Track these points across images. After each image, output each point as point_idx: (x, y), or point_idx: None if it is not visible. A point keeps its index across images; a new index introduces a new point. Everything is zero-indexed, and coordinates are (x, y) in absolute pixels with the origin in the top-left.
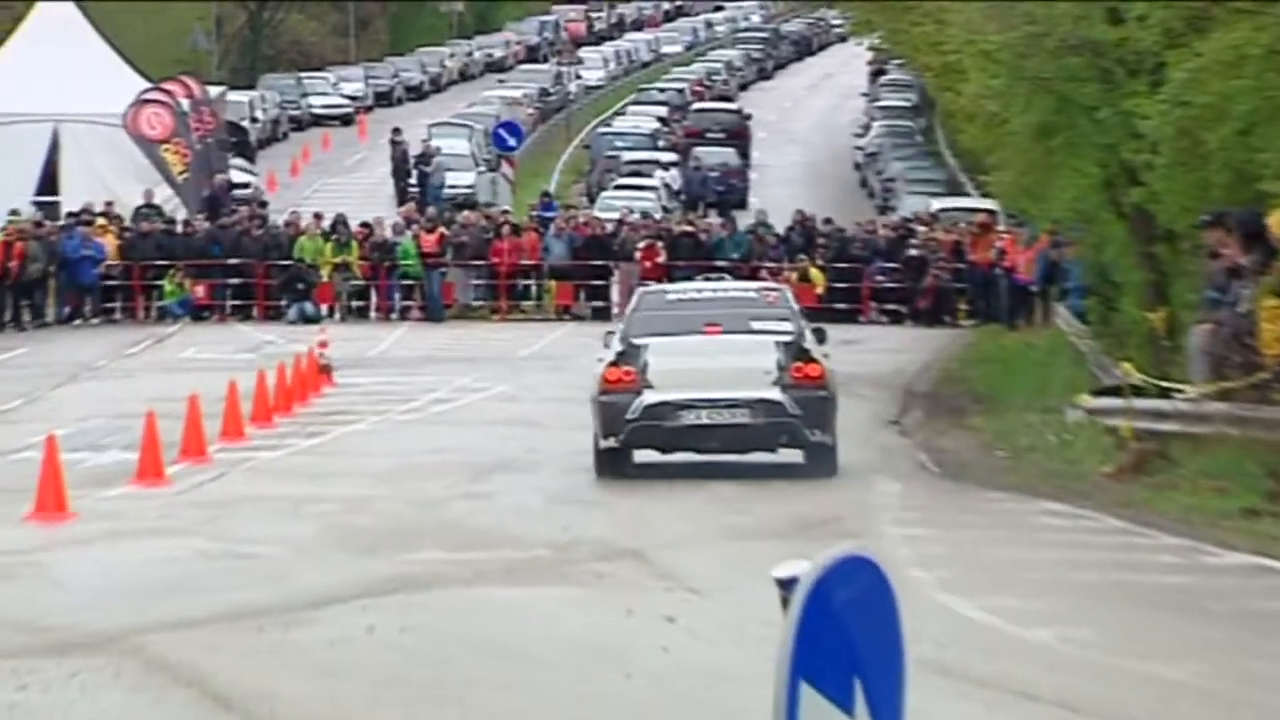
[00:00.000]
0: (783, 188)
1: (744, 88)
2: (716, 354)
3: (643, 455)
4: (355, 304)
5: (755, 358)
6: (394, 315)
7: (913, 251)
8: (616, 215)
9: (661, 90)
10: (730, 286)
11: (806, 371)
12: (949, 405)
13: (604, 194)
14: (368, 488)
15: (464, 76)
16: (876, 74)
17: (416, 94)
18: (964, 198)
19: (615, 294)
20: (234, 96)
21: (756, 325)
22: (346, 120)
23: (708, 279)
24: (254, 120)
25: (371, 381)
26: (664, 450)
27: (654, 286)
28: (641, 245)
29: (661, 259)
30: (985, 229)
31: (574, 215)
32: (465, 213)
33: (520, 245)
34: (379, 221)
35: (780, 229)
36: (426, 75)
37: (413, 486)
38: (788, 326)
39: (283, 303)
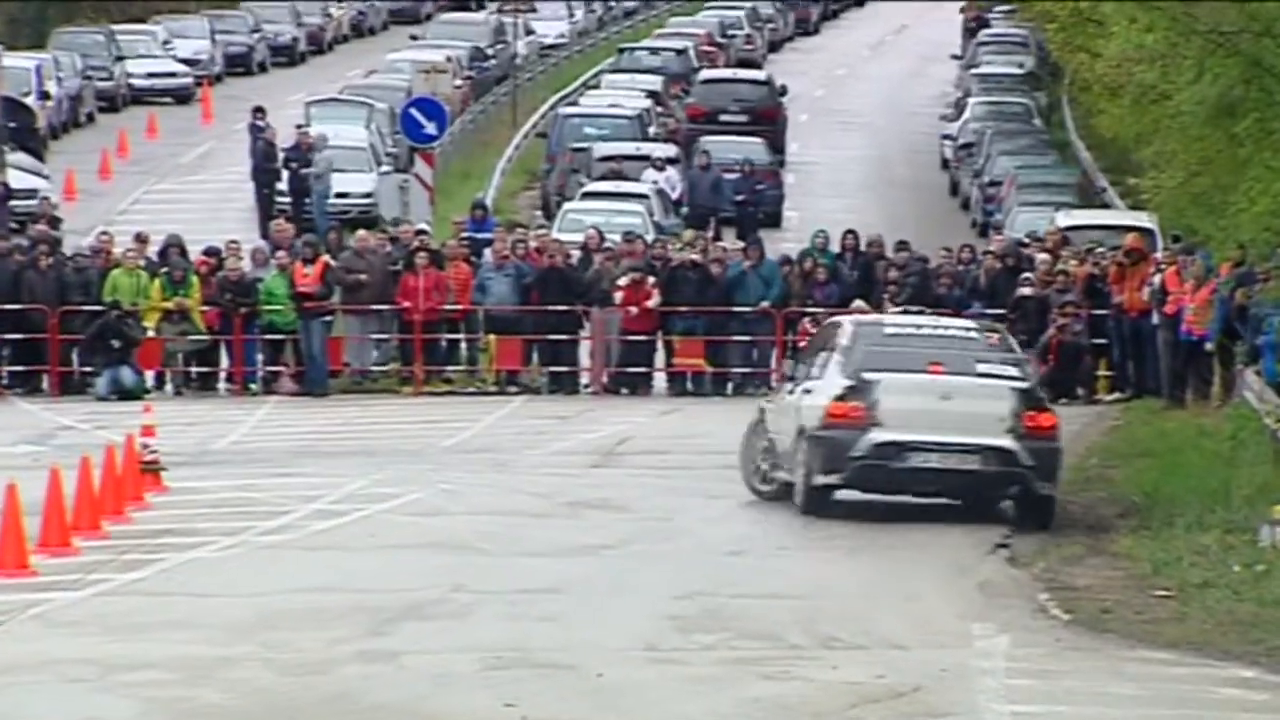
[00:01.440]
0: (833, 196)
1: (776, 47)
2: (949, 396)
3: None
4: (196, 370)
5: (990, 403)
6: (254, 386)
7: (1027, 291)
8: (584, 237)
9: (653, 53)
10: (945, 323)
11: (1039, 421)
12: (1083, 520)
13: (568, 205)
14: (213, 645)
15: (358, 31)
16: (974, 27)
17: (288, 57)
18: (1104, 210)
19: (585, 355)
20: (13, 61)
21: (982, 367)
22: (183, 96)
23: (908, 312)
24: (44, 96)
25: (220, 486)
26: (885, 492)
27: (868, 318)
28: (623, 282)
29: (653, 302)
30: (1136, 258)
31: (522, 237)
32: (361, 233)
33: (443, 282)
34: (232, 248)
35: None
36: (303, 29)
37: (281, 642)
38: (1016, 371)
39: (88, 368)
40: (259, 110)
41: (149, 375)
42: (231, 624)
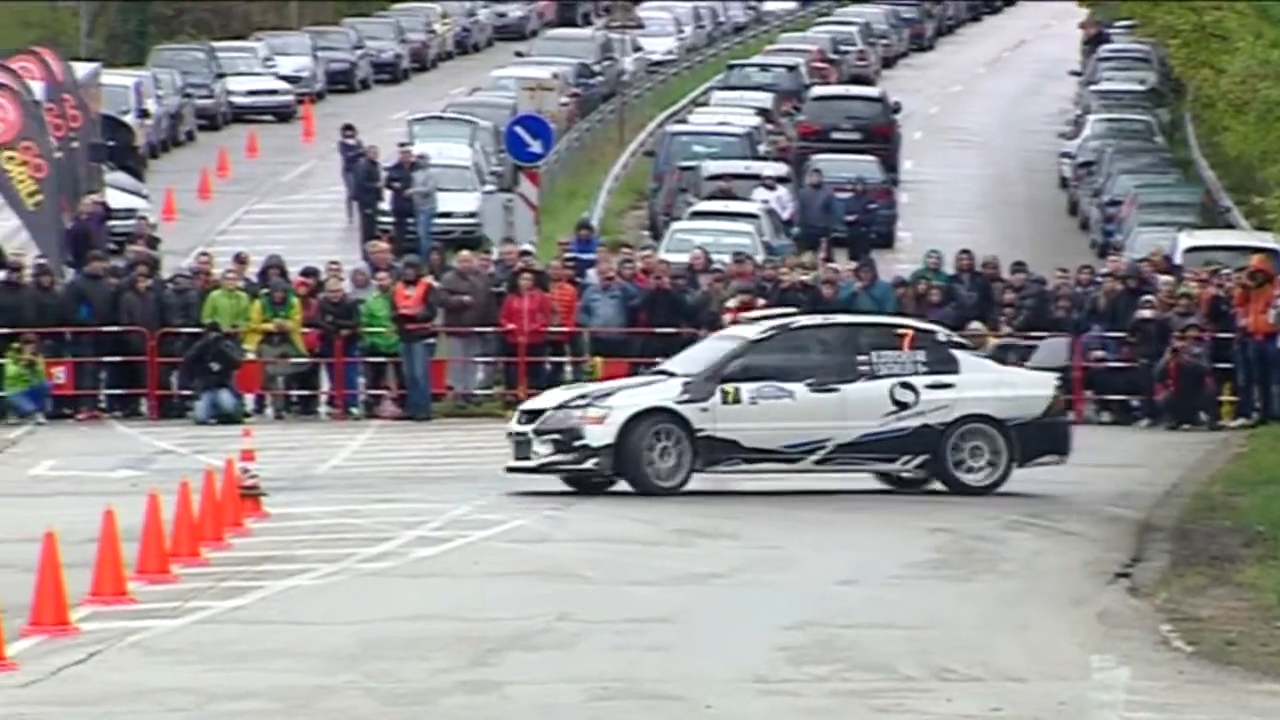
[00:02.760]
0: (949, 216)
1: (890, 63)
2: None
3: None
4: (297, 393)
5: None
6: (355, 410)
7: (1148, 314)
8: (693, 258)
9: (764, 69)
10: None
11: None
12: (1208, 550)
13: (676, 225)
14: (315, 674)
15: (463, 48)
16: (1093, 42)
17: (391, 74)
18: (1228, 231)
19: None
20: (113, 78)
21: None
22: (285, 114)
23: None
24: (144, 114)
25: (321, 512)
26: None
27: None
28: (732, 304)
29: None
30: (1262, 279)
31: (629, 258)
32: (464, 254)
33: (548, 303)
34: (333, 269)
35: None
36: (406, 46)
37: (383, 671)
38: None
39: (186, 392)
40: (349, 128)
41: (249, 399)
42: (332, 653)
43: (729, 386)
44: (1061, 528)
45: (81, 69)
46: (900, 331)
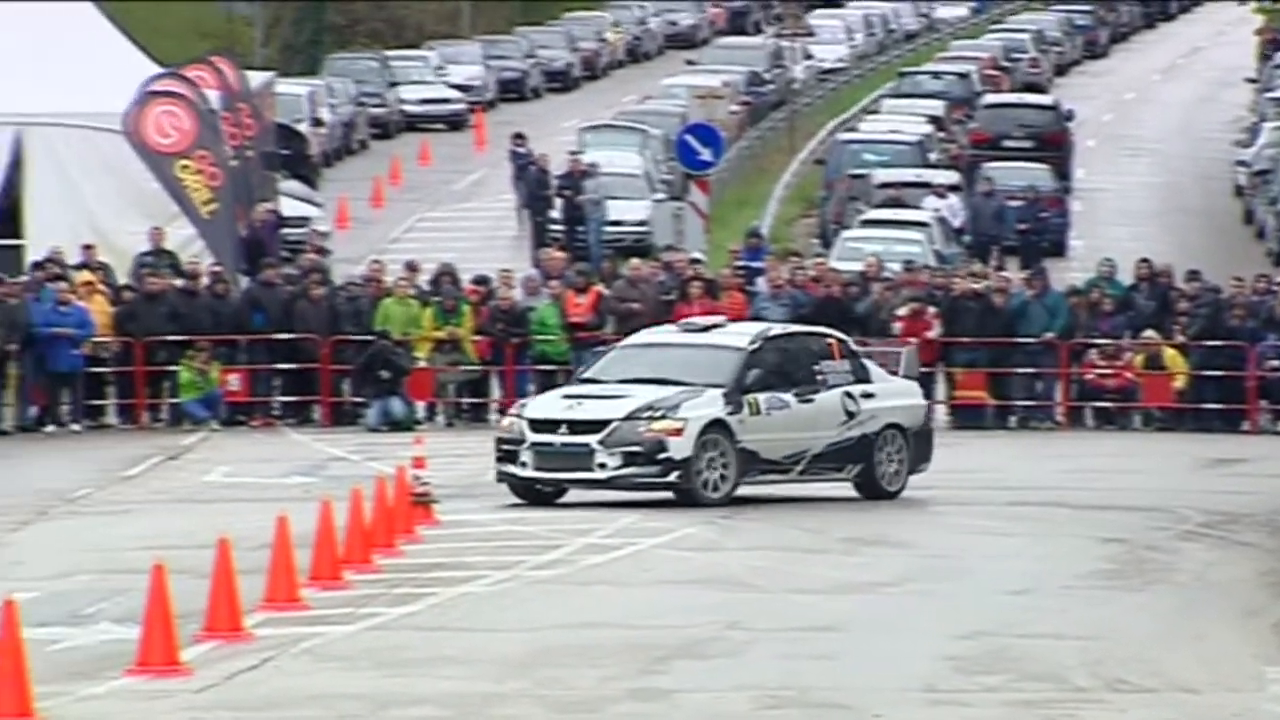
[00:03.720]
0: (1122, 224)
1: (1063, 71)
2: None
3: None
4: (467, 400)
5: None
6: None
7: None
8: (864, 266)
9: (935, 77)
10: None
11: None
12: None
13: (846, 233)
14: (485, 681)
15: (634, 56)
16: (1271, 50)
17: (562, 83)
18: None
19: None
20: (287, 87)
21: None
22: (456, 122)
23: None
24: (317, 123)
25: (492, 519)
26: None
27: None
28: (903, 312)
29: (934, 333)
30: None
31: (799, 266)
32: (635, 262)
33: (718, 311)
34: (504, 276)
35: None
36: (577, 55)
37: (553, 679)
38: None
39: (358, 399)
40: (519, 136)
41: (420, 406)
42: (503, 660)
43: (751, 397)
44: (1236, 538)
45: (256, 78)
46: (828, 341)
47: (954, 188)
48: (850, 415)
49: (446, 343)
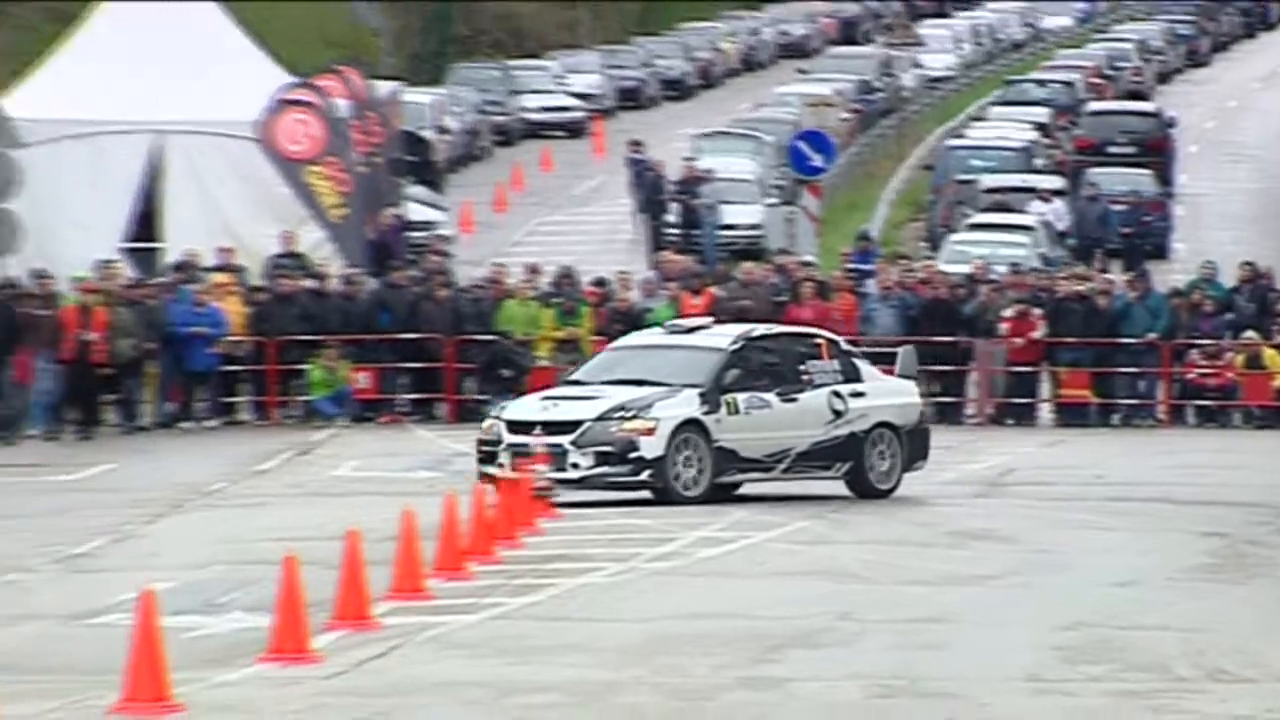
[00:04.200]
0: (1223, 228)
1: (1165, 79)
2: None
3: None
4: None
5: None
6: None
7: None
8: (971, 268)
9: (1040, 84)
10: None
11: None
12: None
13: (953, 237)
14: (603, 669)
15: (748, 66)
16: None
17: (678, 91)
18: None
19: (972, 384)
20: (413, 96)
21: None
22: (576, 129)
23: None
24: (442, 130)
25: (610, 513)
26: None
27: None
28: (1009, 313)
29: (1039, 333)
30: None
31: (908, 268)
32: (748, 264)
33: (829, 312)
34: (622, 277)
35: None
36: (692, 64)
37: (669, 667)
38: None
39: (481, 396)
40: (637, 143)
41: None
42: (621, 648)
43: (729, 397)
44: None
45: (383, 87)
46: (817, 341)
47: (1059, 192)
48: (837, 414)
49: (566, 342)
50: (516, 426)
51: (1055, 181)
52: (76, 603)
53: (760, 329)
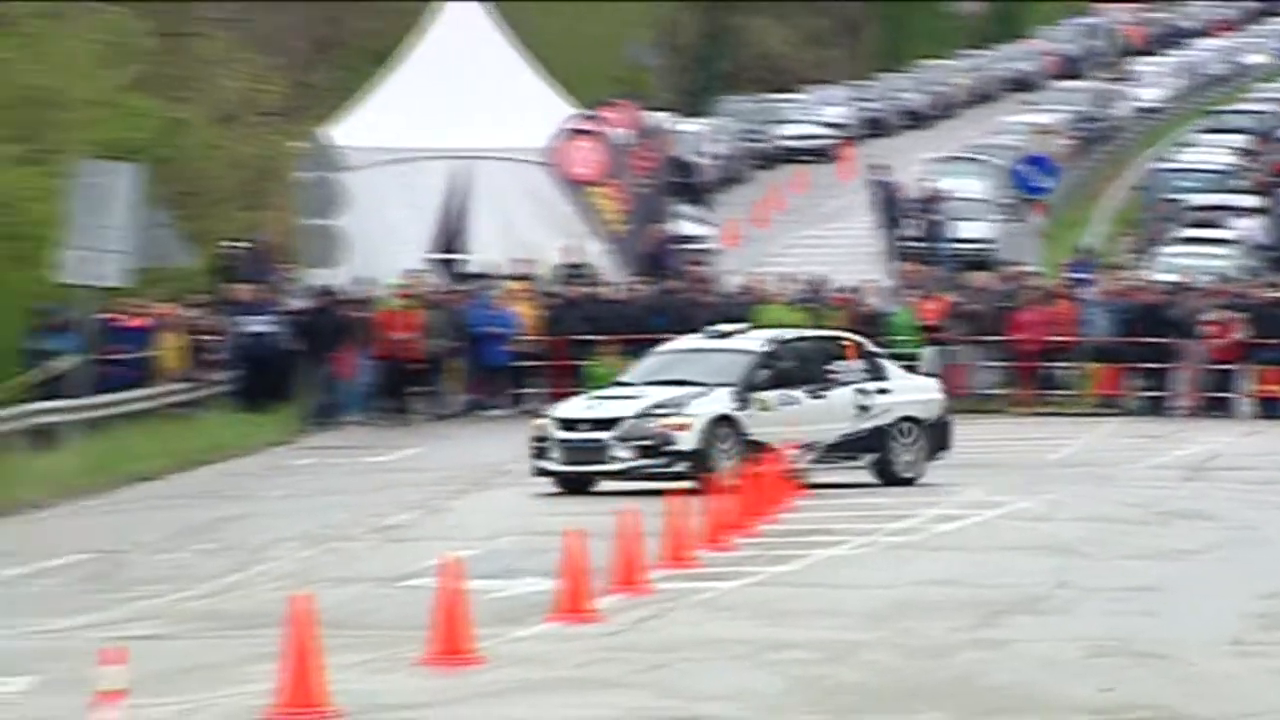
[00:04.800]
0: None
1: None
2: None
3: None
4: None
5: None
6: None
7: None
8: (1178, 277)
9: (1241, 114)
10: None
11: None
12: None
13: (1162, 250)
14: (850, 630)
15: (979, 98)
16: None
17: (916, 120)
18: None
19: (1179, 382)
20: (683, 125)
21: None
22: (826, 155)
23: None
24: (708, 156)
25: (855, 493)
26: None
27: None
28: (1211, 317)
29: (1239, 335)
30: None
31: (1122, 277)
32: (978, 274)
33: (1051, 317)
34: (866, 285)
35: None
36: (930, 96)
37: (907, 629)
38: None
39: None
40: (879, 167)
41: None
42: (864, 612)
43: (760, 394)
44: None
45: (658, 118)
46: (844, 343)
47: (1257, 210)
48: (863, 409)
49: None
50: (565, 424)
51: (1254, 201)
52: (392, 567)
53: (791, 333)
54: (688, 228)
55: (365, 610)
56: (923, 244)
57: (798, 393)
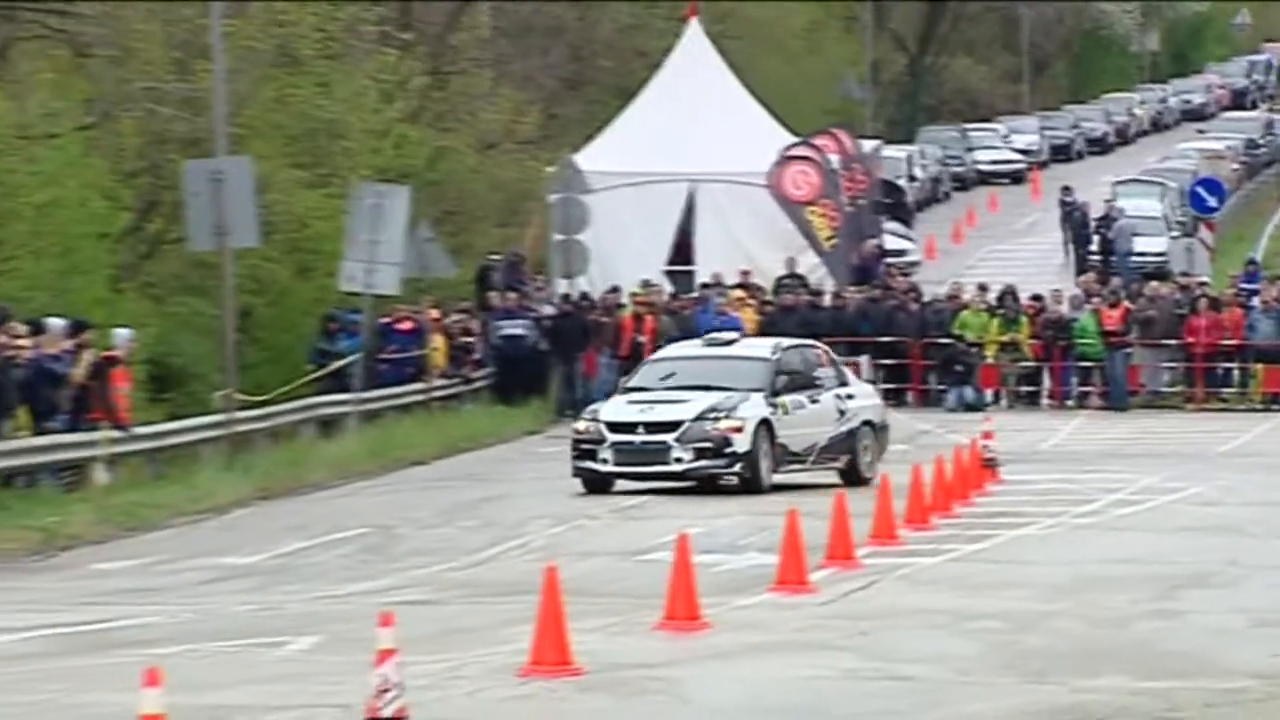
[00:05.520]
0: None
1: None
2: None
3: None
4: (1024, 389)
5: None
6: (1069, 402)
7: None
8: None
9: None
10: None
11: None
12: None
13: None
14: (1038, 602)
15: (1156, 127)
16: None
17: (1099, 147)
18: None
19: None
20: (890, 151)
21: None
22: (1017, 178)
23: None
24: (911, 179)
25: (1042, 479)
26: None
27: None
28: None
29: None
30: None
31: None
32: (1155, 284)
33: (1220, 322)
34: (1054, 294)
35: None
36: (1111, 125)
37: (1090, 602)
38: None
39: (940, 387)
40: (1067, 188)
41: (988, 393)
42: (1051, 586)
43: (782, 399)
44: None
45: (867, 144)
46: (819, 351)
47: None
48: (841, 413)
49: (1009, 344)
50: (618, 427)
51: None
52: (629, 543)
53: (787, 342)
54: (893, 243)
55: (606, 580)
56: (1104, 257)
57: (802, 397)
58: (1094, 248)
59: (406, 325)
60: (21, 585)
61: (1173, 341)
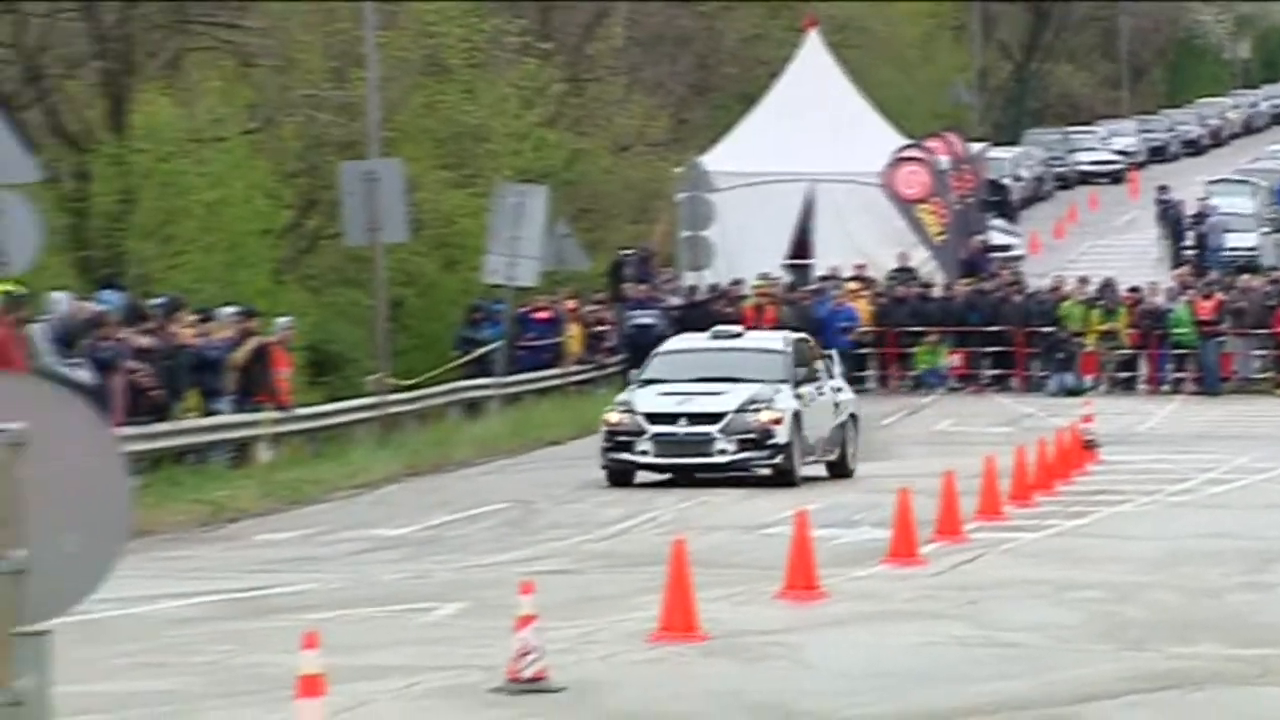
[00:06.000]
0: None
1: None
2: None
3: None
4: (1121, 375)
5: None
6: (1164, 388)
7: None
8: None
9: None
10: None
11: None
12: None
13: None
14: (1136, 574)
15: (1248, 129)
16: None
17: (1194, 149)
18: None
19: None
20: (996, 153)
21: None
22: (1116, 177)
23: None
24: (1016, 178)
25: (1139, 459)
26: None
27: None
28: None
29: None
30: None
31: None
32: (1246, 276)
33: None
34: (1150, 286)
35: None
36: (1205, 128)
37: (1185, 574)
38: None
39: (1043, 373)
40: (1163, 188)
41: (1088, 379)
42: (1147, 559)
43: (803, 391)
44: None
45: (975, 146)
46: (811, 343)
47: None
48: (836, 406)
49: (1108, 333)
50: (658, 418)
51: None
52: (751, 518)
53: (794, 335)
54: (998, 238)
55: (730, 553)
56: (1198, 252)
57: (811, 389)
58: (1188, 243)
59: (544, 314)
60: (191, 554)
61: (1263, 331)
